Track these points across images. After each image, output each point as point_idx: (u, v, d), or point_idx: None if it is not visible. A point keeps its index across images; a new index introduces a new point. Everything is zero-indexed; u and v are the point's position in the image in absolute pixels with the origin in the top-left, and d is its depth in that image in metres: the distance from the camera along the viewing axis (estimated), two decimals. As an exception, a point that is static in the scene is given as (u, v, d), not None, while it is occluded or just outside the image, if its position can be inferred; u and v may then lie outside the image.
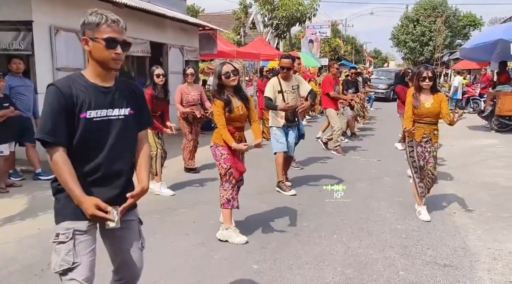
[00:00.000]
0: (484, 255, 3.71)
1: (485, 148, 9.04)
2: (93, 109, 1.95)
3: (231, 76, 3.85)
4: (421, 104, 4.53)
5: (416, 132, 4.58)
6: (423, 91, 4.56)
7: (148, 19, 9.46)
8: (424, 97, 4.56)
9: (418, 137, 4.58)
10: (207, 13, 31.01)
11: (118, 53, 1.97)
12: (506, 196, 5.48)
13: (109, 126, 2.01)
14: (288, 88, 5.54)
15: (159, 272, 3.31)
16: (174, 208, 4.90)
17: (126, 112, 2.07)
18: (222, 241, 3.90)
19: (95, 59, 1.98)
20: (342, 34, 46.50)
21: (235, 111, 3.90)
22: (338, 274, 3.32)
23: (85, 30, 1.97)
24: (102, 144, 2.00)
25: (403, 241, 3.98)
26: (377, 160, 7.61)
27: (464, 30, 46.66)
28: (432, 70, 4.66)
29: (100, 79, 2.02)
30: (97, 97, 1.98)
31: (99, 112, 1.97)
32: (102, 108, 1.98)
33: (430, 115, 4.54)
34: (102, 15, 1.95)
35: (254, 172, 6.58)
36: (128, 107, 2.08)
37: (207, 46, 12.89)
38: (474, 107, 15.82)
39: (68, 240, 1.94)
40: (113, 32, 1.96)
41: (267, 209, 4.87)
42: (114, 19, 1.97)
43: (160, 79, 5.36)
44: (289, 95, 5.54)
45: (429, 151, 4.57)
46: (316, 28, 29.79)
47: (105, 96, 2.01)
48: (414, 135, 4.60)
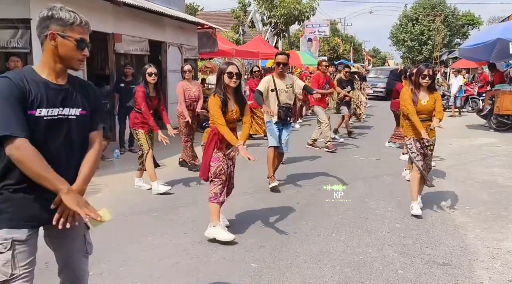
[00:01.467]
0: (482, 253, 3.72)
1: (484, 147, 9.05)
2: (44, 107, 1.85)
3: (234, 77, 3.83)
4: (418, 101, 4.66)
5: (414, 129, 4.68)
6: (421, 88, 4.68)
7: (146, 17, 9.43)
8: (421, 95, 4.68)
9: (417, 135, 4.68)
10: (206, 11, 30.98)
11: (85, 55, 1.97)
12: (505, 195, 5.49)
13: (59, 126, 1.91)
14: (282, 86, 5.59)
15: (158, 270, 3.31)
16: (172, 206, 4.89)
17: (78, 113, 1.97)
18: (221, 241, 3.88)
19: (59, 56, 1.92)
20: (341, 33, 46.47)
21: (229, 114, 3.87)
22: (337, 272, 3.31)
23: (52, 25, 1.91)
24: (50, 144, 1.88)
25: (401, 240, 3.98)
26: (376, 159, 7.61)
27: (462, 29, 46.66)
28: (432, 68, 4.72)
29: (54, 76, 1.94)
30: (49, 94, 1.88)
31: (50, 111, 1.87)
32: (53, 106, 1.88)
33: (425, 112, 4.67)
34: (75, 15, 1.94)
35: (251, 172, 6.58)
36: (80, 107, 1.99)
37: (207, 44, 12.87)
38: (472, 106, 15.83)
39: (6, 250, 1.82)
40: (84, 34, 1.97)
41: (266, 208, 4.87)
42: (85, 20, 1.99)
43: (152, 77, 5.33)
44: (282, 94, 5.59)
45: (426, 146, 4.72)
46: (315, 27, 29.79)
47: (57, 94, 1.91)
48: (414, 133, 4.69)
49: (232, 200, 5.05)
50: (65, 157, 1.94)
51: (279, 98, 5.57)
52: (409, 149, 4.78)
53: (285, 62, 5.56)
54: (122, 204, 4.93)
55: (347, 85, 10.07)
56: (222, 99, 3.83)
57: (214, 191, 3.91)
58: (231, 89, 3.90)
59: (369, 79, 23.18)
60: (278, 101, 5.59)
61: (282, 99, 5.58)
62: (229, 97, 3.89)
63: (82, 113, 1.99)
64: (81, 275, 2.12)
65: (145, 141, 5.37)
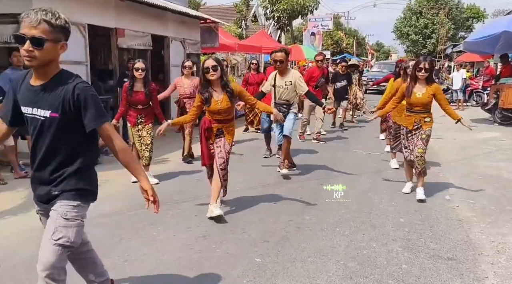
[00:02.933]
0: (487, 248, 3.70)
1: (488, 141, 9.00)
2: (24, 105, 2.08)
3: (210, 71, 4.08)
4: (412, 94, 4.77)
5: (407, 120, 4.92)
6: (418, 81, 4.77)
7: (149, 12, 9.40)
8: (417, 87, 4.78)
9: (409, 125, 4.89)
10: (209, 6, 30.85)
11: (25, 50, 1.92)
12: (510, 189, 5.46)
13: (37, 124, 2.06)
14: (280, 83, 5.67)
15: (161, 265, 3.31)
16: (176, 201, 4.89)
17: (47, 114, 2.03)
18: (224, 235, 3.89)
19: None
20: (344, 27, 46.24)
21: (212, 105, 4.17)
22: (341, 267, 3.31)
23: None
24: (34, 140, 2.11)
25: (406, 235, 3.96)
26: (379, 153, 7.57)
27: (467, 22, 46.35)
28: (430, 61, 4.78)
29: (34, 77, 2.06)
30: (26, 94, 2.07)
31: (27, 109, 2.07)
32: (28, 106, 2.06)
33: (419, 104, 4.80)
34: (28, 11, 1.95)
35: (255, 166, 6.58)
36: (50, 109, 2.02)
37: (209, 39, 12.82)
38: (477, 100, 15.74)
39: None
40: (24, 28, 1.93)
41: (269, 202, 4.86)
42: (28, 12, 1.93)
43: (138, 73, 5.35)
44: (280, 90, 5.68)
45: (417, 135, 4.88)
46: (318, 21, 29.65)
47: (31, 94, 2.05)
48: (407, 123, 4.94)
49: (235, 194, 5.07)
50: (41, 155, 2.11)
51: (276, 95, 5.70)
52: (402, 138, 5.07)
53: (281, 59, 5.58)
54: (125, 199, 4.94)
55: (343, 80, 10.06)
56: (202, 94, 4.20)
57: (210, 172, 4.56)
58: (214, 81, 4.16)
59: (372, 74, 23.11)
60: (275, 97, 5.72)
61: (278, 95, 5.69)
62: (214, 89, 4.19)
63: (52, 116, 2.03)
64: (44, 259, 2.03)
65: (131, 133, 5.60)
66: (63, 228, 2.08)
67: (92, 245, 2.57)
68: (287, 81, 5.62)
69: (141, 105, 5.44)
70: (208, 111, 4.29)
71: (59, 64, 2.11)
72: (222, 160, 4.27)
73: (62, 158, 2.10)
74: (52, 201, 2.14)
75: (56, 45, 2.00)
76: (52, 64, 2.04)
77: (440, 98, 4.79)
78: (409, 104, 4.88)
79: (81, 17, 7.43)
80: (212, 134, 4.32)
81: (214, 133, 4.31)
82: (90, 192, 2.23)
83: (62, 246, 2.07)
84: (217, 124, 4.30)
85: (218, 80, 4.16)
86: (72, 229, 2.11)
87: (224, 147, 4.30)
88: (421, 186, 4.96)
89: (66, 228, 2.09)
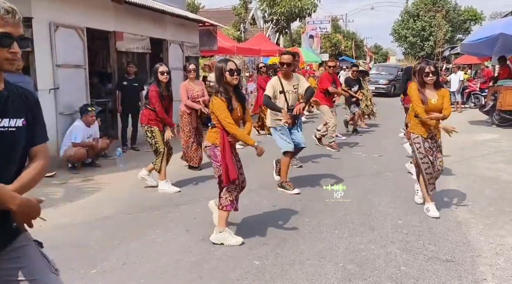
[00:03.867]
0: (486, 250, 3.70)
1: (487, 142, 9.02)
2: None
3: (235, 74, 3.70)
4: (428, 101, 4.50)
5: (423, 127, 4.56)
6: (427, 86, 4.54)
7: (148, 15, 9.42)
8: (429, 93, 4.53)
9: (424, 133, 4.57)
10: (207, 9, 30.92)
11: (14, 52, 1.61)
12: (508, 191, 5.47)
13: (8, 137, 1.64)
14: (289, 87, 5.38)
15: (160, 268, 3.31)
16: (175, 204, 4.89)
17: (20, 123, 1.67)
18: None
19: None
20: (342, 30, 46.36)
21: (234, 112, 3.74)
22: (340, 269, 3.31)
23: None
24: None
25: (404, 237, 3.97)
26: (379, 156, 7.59)
27: (464, 24, 46.51)
28: (433, 64, 4.65)
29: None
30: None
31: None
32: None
33: (436, 110, 4.50)
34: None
35: (254, 169, 6.58)
36: (22, 117, 1.68)
37: (207, 42, 12.84)
38: (475, 102, 15.79)
39: None
40: (7, 26, 1.59)
41: (268, 205, 4.86)
42: (8, 8, 1.59)
43: (164, 76, 5.34)
44: (291, 95, 5.39)
45: (436, 146, 4.59)
46: (316, 24, 29.74)
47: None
48: (422, 131, 4.55)
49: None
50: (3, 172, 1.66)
51: (287, 100, 5.35)
52: (416, 148, 4.56)
53: (289, 62, 5.31)
54: (124, 202, 4.94)
55: (355, 85, 10.02)
56: (227, 99, 3.69)
57: (230, 198, 3.72)
58: (233, 87, 3.78)
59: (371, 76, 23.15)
60: (287, 103, 5.36)
61: (291, 101, 5.38)
62: (231, 95, 3.75)
63: (24, 124, 1.70)
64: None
65: (161, 139, 5.38)
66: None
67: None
68: (294, 84, 5.39)
69: (165, 109, 5.45)
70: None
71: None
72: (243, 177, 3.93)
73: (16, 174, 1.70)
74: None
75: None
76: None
77: (446, 100, 4.56)
78: (425, 111, 4.51)
79: (80, 20, 7.44)
80: (232, 148, 3.85)
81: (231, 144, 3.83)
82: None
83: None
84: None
85: (234, 85, 3.78)
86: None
87: (241, 164, 3.93)
88: (432, 201, 4.62)
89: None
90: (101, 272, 3.23)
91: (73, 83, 7.34)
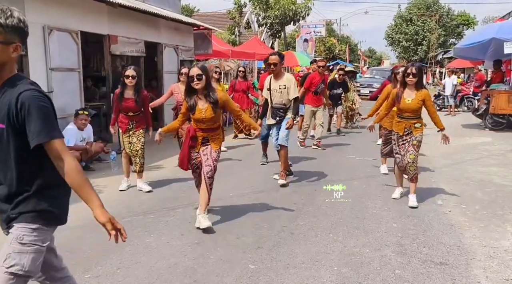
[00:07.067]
0: (479, 253, 3.73)
1: (480, 146, 9.09)
2: None
3: (194, 80, 4.06)
4: (402, 99, 4.83)
5: (398, 126, 4.98)
6: (408, 86, 4.84)
7: (142, 18, 9.42)
8: (407, 92, 4.85)
9: (400, 131, 4.95)
10: (202, 12, 30.95)
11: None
12: (501, 194, 5.51)
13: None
14: (275, 86, 5.75)
15: (155, 272, 3.30)
16: (169, 208, 4.88)
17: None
18: (218, 241, 3.88)
19: None
20: (336, 33, 46.58)
21: (197, 113, 4.16)
22: (335, 273, 3.31)
23: None
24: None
25: (399, 240, 3.98)
26: (373, 159, 7.62)
27: (457, 29, 46.82)
28: (418, 67, 4.84)
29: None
30: None
31: None
32: None
33: (409, 110, 4.85)
34: None
35: (248, 173, 6.59)
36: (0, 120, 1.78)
37: (202, 45, 12.86)
38: (468, 106, 15.92)
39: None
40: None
41: (263, 209, 4.86)
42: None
43: (129, 80, 5.34)
44: (275, 94, 5.75)
45: (408, 141, 4.93)
46: (310, 27, 29.87)
47: None
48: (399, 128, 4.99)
49: (229, 200, 5.07)
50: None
51: (271, 98, 5.77)
52: (393, 144, 5.11)
53: (275, 62, 5.66)
54: (119, 205, 4.91)
55: (338, 88, 10.18)
56: (188, 104, 4.18)
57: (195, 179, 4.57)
58: (199, 90, 4.13)
59: (365, 80, 23.30)
60: (270, 100, 5.79)
61: (274, 99, 5.76)
62: (200, 97, 4.17)
63: (1, 127, 1.79)
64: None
65: (122, 139, 5.58)
66: (17, 254, 1.81)
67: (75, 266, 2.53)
68: (281, 84, 5.69)
69: (132, 112, 5.44)
70: (193, 119, 4.24)
71: (14, 68, 1.88)
72: (209, 168, 4.18)
73: (18, 176, 1.83)
74: (10, 224, 1.88)
75: (7, 47, 1.77)
76: (3, 68, 1.81)
77: (428, 104, 4.85)
78: (399, 109, 4.94)
79: (74, 23, 7.42)
80: (197, 143, 4.27)
81: (200, 142, 4.26)
82: (53, 215, 1.94)
83: (14, 275, 1.80)
84: (202, 133, 4.24)
85: (203, 89, 4.12)
86: (27, 256, 1.83)
87: (211, 155, 4.23)
88: (413, 193, 4.98)
89: (20, 254, 1.82)
90: (95, 277, 3.21)
91: (67, 86, 7.32)
